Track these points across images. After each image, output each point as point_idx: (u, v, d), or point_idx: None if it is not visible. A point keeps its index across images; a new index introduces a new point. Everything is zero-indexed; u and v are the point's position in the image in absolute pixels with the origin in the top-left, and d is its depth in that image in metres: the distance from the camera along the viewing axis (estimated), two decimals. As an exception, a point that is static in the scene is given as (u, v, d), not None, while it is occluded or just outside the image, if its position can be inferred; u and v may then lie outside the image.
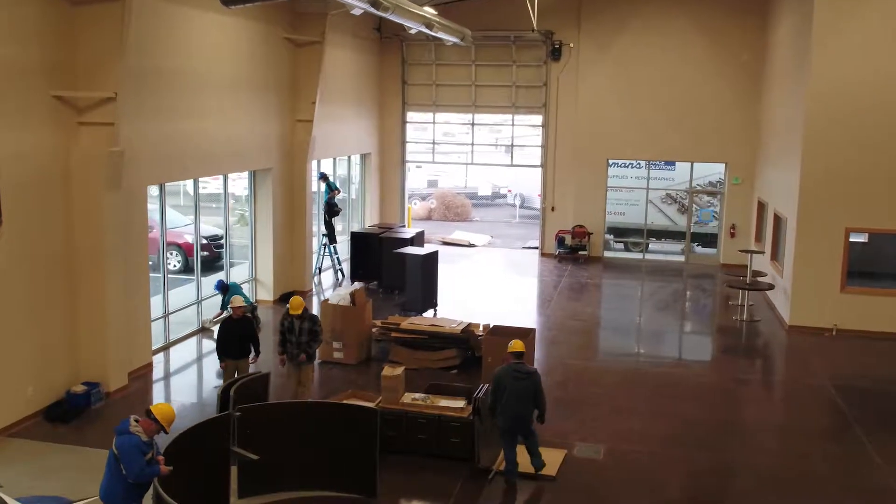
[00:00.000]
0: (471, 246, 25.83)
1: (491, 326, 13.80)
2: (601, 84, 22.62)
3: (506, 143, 25.29)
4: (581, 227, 23.14)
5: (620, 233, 24.00)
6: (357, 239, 19.99)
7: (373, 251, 19.29)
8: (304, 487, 9.31)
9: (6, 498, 7.24)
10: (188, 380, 13.60)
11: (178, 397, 12.55)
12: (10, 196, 10.50)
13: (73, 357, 11.89)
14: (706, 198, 23.45)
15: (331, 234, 20.09)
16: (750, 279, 17.76)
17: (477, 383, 11.36)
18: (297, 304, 11.45)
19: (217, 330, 12.00)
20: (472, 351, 13.94)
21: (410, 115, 25.04)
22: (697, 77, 22.01)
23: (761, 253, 19.33)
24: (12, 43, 10.48)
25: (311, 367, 11.95)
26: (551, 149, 23.66)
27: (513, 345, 9.97)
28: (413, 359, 13.54)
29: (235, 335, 11.66)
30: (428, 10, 16.84)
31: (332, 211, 19.89)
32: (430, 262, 17.17)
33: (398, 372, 10.88)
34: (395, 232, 20.13)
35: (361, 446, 9.17)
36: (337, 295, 14.34)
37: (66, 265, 11.65)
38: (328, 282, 20.13)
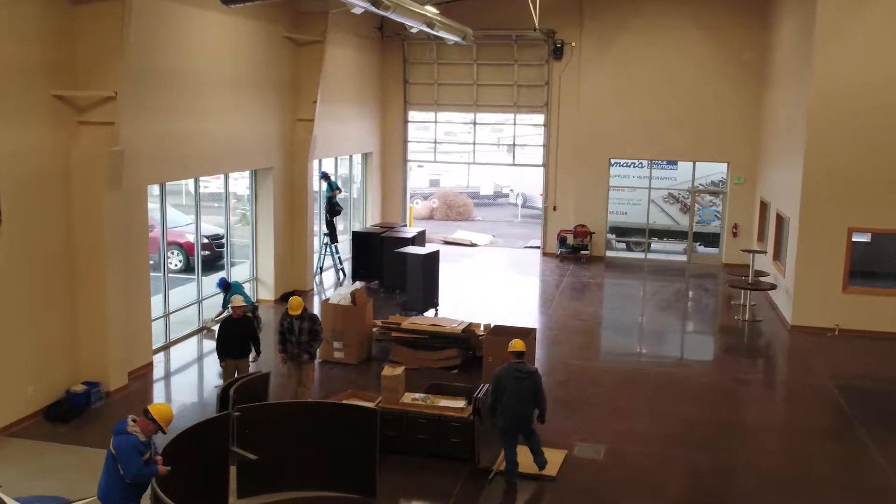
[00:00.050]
0: (473, 245, 25.81)
1: (492, 326, 13.78)
2: (603, 83, 22.59)
3: (507, 142, 25.26)
4: (583, 226, 23.11)
5: (622, 232, 23.96)
6: (358, 238, 19.97)
7: (374, 251, 19.27)
8: (304, 488, 9.29)
9: (5, 498, 7.24)
10: (189, 379, 13.58)
11: (178, 397, 12.54)
12: (10, 195, 10.50)
13: (73, 356, 11.88)
14: (708, 197, 23.40)
15: (332, 234, 20.07)
16: (752, 279, 17.72)
17: (477, 383, 11.33)
18: (295, 305, 11.43)
19: (217, 329, 12.00)
20: (472, 351, 13.92)
21: (412, 115, 25.03)
22: (699, 76, 21.97)
23: (763, 253, 19.28)
24: (12, 42, 10.47)
25: (311, 367, 11.93)
26: (553, 148, 23.63)
27: (513, 344, 9.95)
28: (414, 358, 13.52)
29: (236, 335, 11.66)
30: (429, 9, 16.81)
31: (333, 210, 19.87)
32: (431, 261, 17.15)
33: (398, 372, 10.86)
34: (397, 231, 20.11)
35: (361, 446, 9.15)
36: (337, 294, 14.32)
37: (66, 264, 11.64)
38: (329, 281, 20.11)
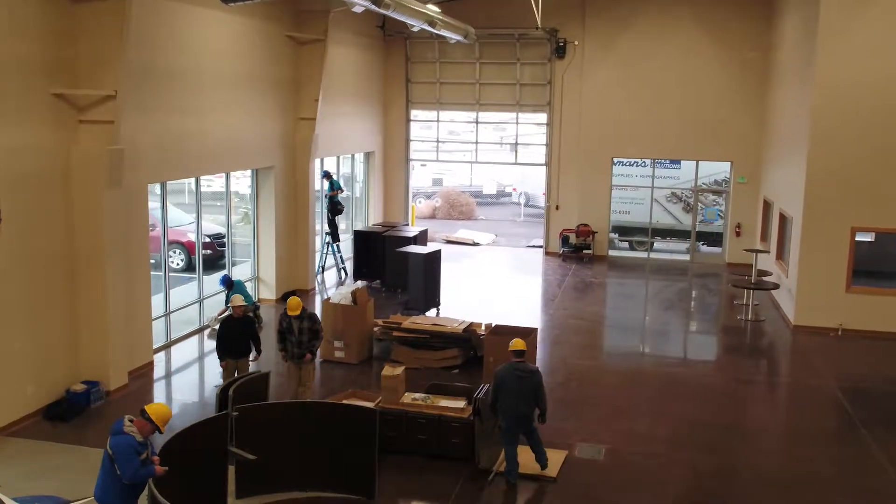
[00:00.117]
0: (475, 244, 25.78)
1: (493, 326, 13.74)
2: (606, 82, 22.53)
3: (510, 141, 25.20)
4: (586, 225, 23.06)
5: (625, 231, 23.90)
6: (360, 237, 19.93)
7: (376, 250, 19.24)
8: (303, 488, 9.26)
9: (4, 497, 7.23)
10: (189, 379, 13.55)
11: (178, 396, 12.52)
12: (9, 194, 10.48)
13: (73, 356, 11.86)
14: (711, 197, 23.34)
15: (334, 233, 20.04)
16: (755, 278, 17.65)
17: (478, 383, 11.29)
18: (294, 305, 11.38)
19: (218, 328, 11.97)
20: (474, 351, 13.88)
21: (414, 113, 24.99)
22: (702, 75, 21.90)
23: (766, 252, 19.22)
24: (12, 40, 10.44)
25: (312, 367, 11.89)
26: (556, 147, 23.58)
27: (514, 343, 9.92)
28: (415, 358, 13.49)
29: (236, 334, 11.64)
30: (431, 8, 16.76)
31: (335, 209, 19.85)
32: (432, 260, 17.10)
33: (398, 372, 10.82)
34: (399, 231, 20.07)
35: (360, 447, 9.11)
36: (338, 294, 14.29)
37: (66, 264, 11.62)
38: (331, 280, 20.08)
